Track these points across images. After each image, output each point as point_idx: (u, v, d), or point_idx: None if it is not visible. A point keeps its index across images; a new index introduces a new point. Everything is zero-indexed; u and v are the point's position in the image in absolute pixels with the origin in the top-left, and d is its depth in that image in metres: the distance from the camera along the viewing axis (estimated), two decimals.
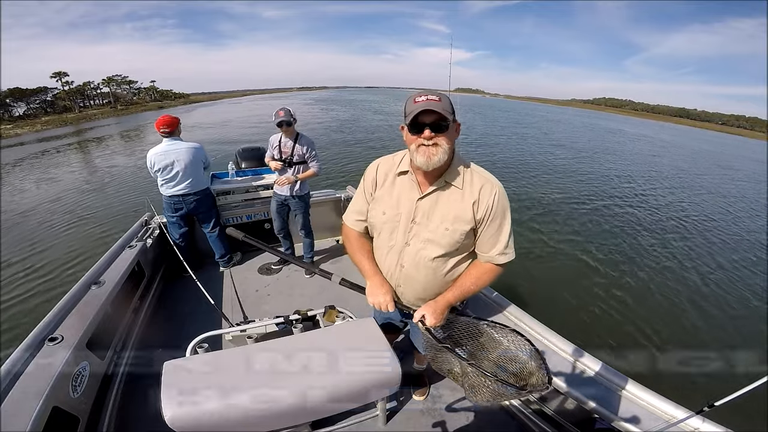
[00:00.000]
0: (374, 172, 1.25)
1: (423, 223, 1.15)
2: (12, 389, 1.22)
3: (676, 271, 5.40)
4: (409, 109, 1.06)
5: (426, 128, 1.03)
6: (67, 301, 1.74)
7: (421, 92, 1.07)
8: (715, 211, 9.02)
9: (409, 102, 1.07)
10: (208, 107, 49.58)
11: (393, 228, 1.20)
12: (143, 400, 1.81)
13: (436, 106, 1.01)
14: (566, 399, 1.52)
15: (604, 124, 44.52)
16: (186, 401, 0.75)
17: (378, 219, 1.22)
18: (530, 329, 1.71)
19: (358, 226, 1.31)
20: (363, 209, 1.28)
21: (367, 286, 1.23)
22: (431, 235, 1.14)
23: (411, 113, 1.04)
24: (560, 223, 7.01)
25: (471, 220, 1.12)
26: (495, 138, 20.25)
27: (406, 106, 1.09)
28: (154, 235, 2.87)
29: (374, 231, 1.28)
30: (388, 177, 1.22)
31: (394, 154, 1.26)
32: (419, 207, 1.15)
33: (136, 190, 8.61)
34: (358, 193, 1.31)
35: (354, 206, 1.32)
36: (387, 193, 1.21)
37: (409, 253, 1.18)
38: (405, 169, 1.18)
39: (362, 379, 0.87)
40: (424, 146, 1.05)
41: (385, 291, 1.19)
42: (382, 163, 1.25)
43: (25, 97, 51.74)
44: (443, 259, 1.17)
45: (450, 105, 1.06)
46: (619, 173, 12.72)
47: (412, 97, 1.07)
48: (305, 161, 2.80)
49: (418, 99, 1.05)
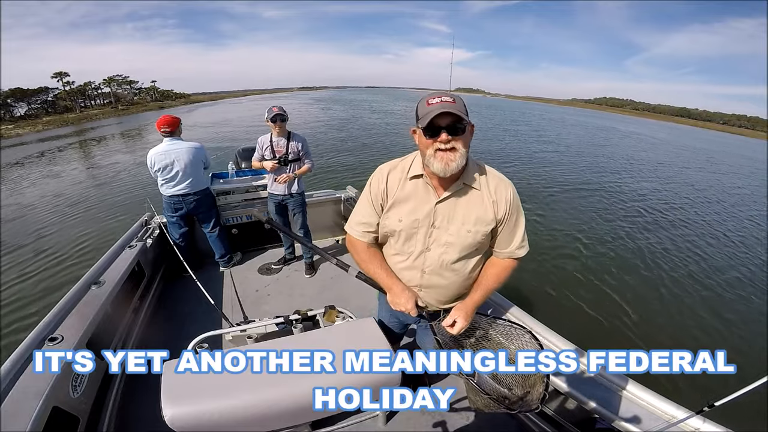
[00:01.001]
0: (384, 182, 1.16)
1: (443, 227, 1.13)
2: (12, 389, 1.22)
3: (676, 271, 5.40)
4: (423, 111, 1.00)
5: (443, 131, 0.98)
6: (67, 301, 1.73)
7: (434, 93, 1.02)
8: (713, 210, 9.02)
9: (422, 104, 1.02)
10: (209, 107, 49.63)
11: (411, 235, 1.16)
12: (143, 400, 1.82)
13: (452, 108, 0.97)
14: (566, 399, 1.52)
15: (599, 123, 44.82)
16: (186, 401, 0.76)
17: (394, 227, 1.16)
18: (530, 329, 1.70)
19: (366, 237, 1.23)
20: (372, 221, 1.20)
21: (388, 295, 1.20)
22: (452, 238, 1.13)
23: (426, 115, 0.98)
24: (558, 221, 7.01)
25: (492, 220, 1.12)
26: (488, 132, 20.54)
27: (418, 108, 1.04)
28: (154, 235, 2.87)
29: (388, 238, 1.23)
30: (400, 183, 1.15)
31: (401, 159, 1.20)
32: (438, 211, 1.12)
33: (136, 190, 8.61)
34: (364, 203, 1.22)
35: (360, 217, 1.22)
36: (402, 199, 1.15)
37: (430, 258, 1.16)
38: (418, 173, 1.12)
39: (362, 379, 0.87)
40: (441, 151, 1.00)
41: (407, 297, 1.15)
42: (391, 170, 1.17)
43: (26, 98, 51.75)
44: (464, 261, 1.17)
45: (464, 106, 1.02)
46: (599, 167, 12.93)
47: (425, 98, 1.03)
48: (300, 158, 2.80)
49: (431, 101, 1.00)
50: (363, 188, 1.25)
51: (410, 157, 1.19)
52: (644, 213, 8.11)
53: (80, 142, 20.34)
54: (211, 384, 0.80)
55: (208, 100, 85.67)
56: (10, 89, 50.16)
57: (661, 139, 32.20)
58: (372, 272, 1.23)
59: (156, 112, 39.43)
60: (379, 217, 1.19)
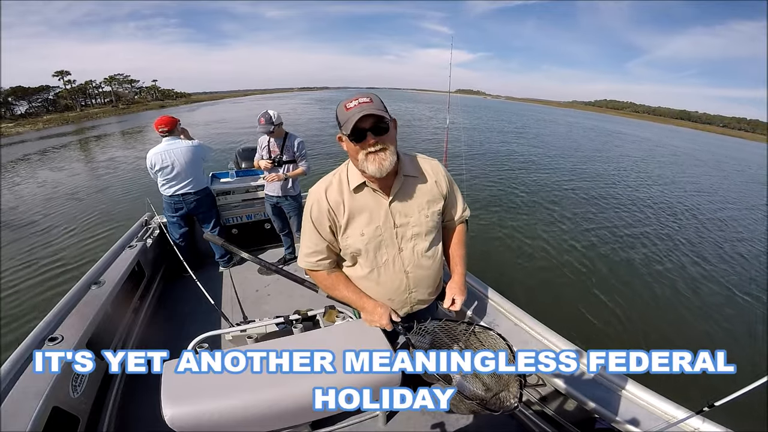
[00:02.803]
0: (324, 200, 1.11)
1: (404, 222, 1.14)
2: (12, 389, 1.22)
3: (675, 271, 5.40)
4: (344, 117, 0.98)
5: (368, 134, 0.98)
6: (67, 301, 1.74)
7: (350, 96, 1.01)
8: (714, 208, 9.04)
9: (341, 109, 1.00)
10: (210, 107, 49.69)
11: (378, 244, 1.13)
12: (143, 400, 1.82)
13: (371, 109, 0.96)
14: (566, 399, 1.52)
15: (590, 124, 45.16)
16: (186, 401, 0.76)
17: (358, 244, 1.12)
18: (530, 329, 1.70)
19: (321, 266, 1.19)
20: (321, 247, 1.15)
21: (362, 314, 1.18)
22: (416, 228, 1.15)
23: (348, 122, 0.96)
24: (557, 221, 7.02)
25: (441, 196, 1.19)
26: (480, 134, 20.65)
27: (338, 115, 1.01)
28: (154, 235, 2.87)
29: (356, 260, 1.18)
30: (344, 199, 1.11)
31: (332, 174, 1.15)
32: (394, 209, 1.12)
33: (136, 190, 8.61)
34: (307, 233, 1.16)
35: (307, 248, 1.17)
36: (356, 212, 1.11)
37: (406, 257, 1.17)
38: (359, 182, 1.09)
39: (362, 379, 0.87)
40: (371, 153, 0.99)
41: (380, 313, 1.13)
42: (327, 187, 1.12)
43: (27, 96, 51.78)
44: (434, 247, 1.21)
45: (382, 102, 1.02)
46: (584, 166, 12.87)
47: (342, 103, 1.01)
48: (295, 160, 2.79)
49: (349, 105, 0.98)
50: None
51: (341, 169, 1.15)
52: (643, 213, 8.12)
53: (80, 140, 20.34)
54: (211, 384, 0.80)
55: (209, 99, 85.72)
56: (11, 87, 50.22)
57: (676, 145, 32.34)
58: (340, 297, 1.22)
59: (157, 112, 39.46)
60: (328, 240, 1.15)
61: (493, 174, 10.61)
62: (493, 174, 10.61)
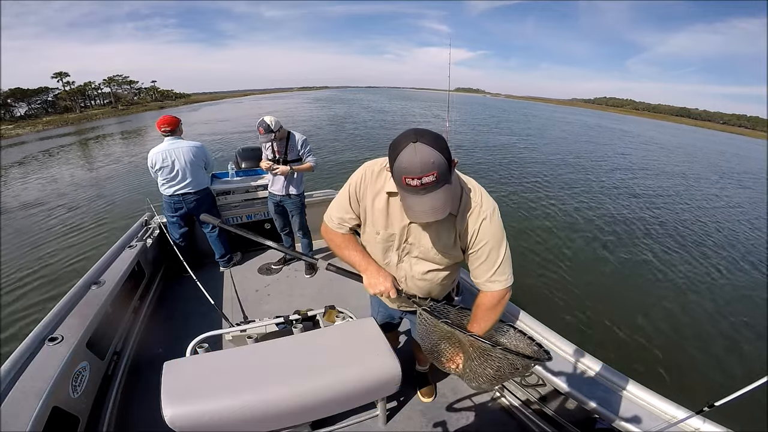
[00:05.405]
0: (360, 181, 1.11)
1: (415, 243, 1.12)
2: (12, 389, 1.22)
3: (675, 271, 5.40)
4: (398, 177, 0.87)
5: None
6: (67, 301, 1.73)
7: (410, 167, 0.83)
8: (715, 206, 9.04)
9: (397, 169, 0.85)
10: (211, 107, 49.72)
11: (387, 248, 1.16)
12: (143, 400, 1.82)
13: (435, 187, 0.84)
14: (566, 399, 1.52)
15: (586, 120, 45.16)
16: (186, 401, 0.76)
17: (371, 239, 1.17)
18: (530, 329, 1.71)
19: (342, 229, 1.20)
20: (347, 217, 1.17)
21: (364, 277, 1.16)
22: (422, 255, 1.14)
23: (400, 186, 0.88)
24: (558, 220, 7.02)
25: (459, 248, 1.10)
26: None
27: (393, 169, 0.88)
28: (154, 235, 2.87)
29: (365, 245, 1.22)
30: (378, 193, 1.09)
31: (383, 165, 1.08)
32: (412, 229, 1.10)
33: (136, 190, 8.61)
34: (344, 196, 1.15)
35: (337, 212, 1.18)
36: (380, 213, 1.11)
37: (403, 269, 1.18)
38: (394, 191, 1.02)
39: (362, 379, 0.87)
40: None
41: (384, 277, 1.13)
42: (380, 170, 1.09)
43: (27, 98, 51.81)
44: (436, 272, 1.18)
45: (443, 157, 0.84)
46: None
47: (400, 170, 0.84)
48: (300, 158, 2.79)
49: (411, 182, 0.83)
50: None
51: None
52: (641, 213, 8.12)
53: (80, 141, 20.36)
54: (211, 384, 0.80)
55: (209, 100, 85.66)
56: (10, 89, 50.21)
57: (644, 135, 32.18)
58: (347, 256, 1.20)
59: (156, 112, 39.50)
60: (355, 215, 1.16)
61: (492, 173, 10.62)
62: (492, 173, 10.62)
